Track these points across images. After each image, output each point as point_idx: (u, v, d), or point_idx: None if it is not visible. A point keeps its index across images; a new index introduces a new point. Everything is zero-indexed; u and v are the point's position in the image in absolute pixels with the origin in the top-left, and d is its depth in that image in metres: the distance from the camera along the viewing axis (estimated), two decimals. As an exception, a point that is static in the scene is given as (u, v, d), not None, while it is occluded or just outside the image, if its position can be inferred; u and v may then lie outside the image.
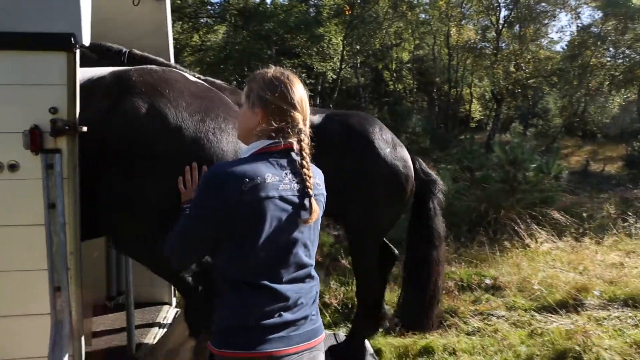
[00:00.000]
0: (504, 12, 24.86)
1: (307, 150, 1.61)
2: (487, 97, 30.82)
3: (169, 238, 1.62)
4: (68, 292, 1.90)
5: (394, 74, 28.88)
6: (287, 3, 23.27)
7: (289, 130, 1.59)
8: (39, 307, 1.92)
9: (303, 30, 20.13)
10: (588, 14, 29.78)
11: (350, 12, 21.30)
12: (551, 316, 4.67)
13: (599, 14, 25.20)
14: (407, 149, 3.54)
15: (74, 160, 1.89)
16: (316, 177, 1.68)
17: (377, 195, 3.27)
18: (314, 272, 1.69)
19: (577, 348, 3.97)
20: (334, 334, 4.01)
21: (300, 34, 20.38)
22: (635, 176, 12.86)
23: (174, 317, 3.73)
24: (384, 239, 3.73)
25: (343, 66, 22.91)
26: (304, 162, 1.59)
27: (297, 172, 1.59)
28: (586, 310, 4.84)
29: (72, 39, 1.84)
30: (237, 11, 20.94)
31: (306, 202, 1.58)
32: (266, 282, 1.55)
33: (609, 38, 23.58)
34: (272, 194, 1.52)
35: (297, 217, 1.58)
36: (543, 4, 23.67)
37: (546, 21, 25.02)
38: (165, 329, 3.49)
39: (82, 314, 1.94)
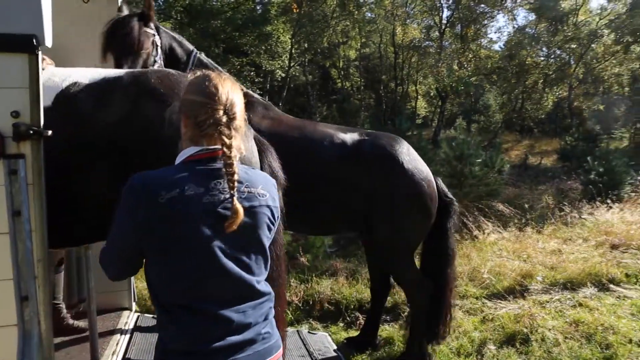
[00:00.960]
0: (446, 13, 25.78)
1: (233, 154, 1.47)
2: (431, 94, 31.84)
3: (102, 251, 1.55)
4: (36, 301, 1.84)
5: (342, 72, 29.23)
6: (233, 0, 22.97)
7: (211, 130, 1.48)
8: (4, 318, 1.85)
9: (251, 28, 19.94)
10: (523, 16, 31.49)
11: (298, 10, 21.32)
12: (500, 302, 4.95)
13: (532, 16, 26.70)
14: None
15: (39, 165, 1.84)
16: (258, 186, 1.56)
17: (404, 214, 3.47)
18: (262, 287, 1.57)
19: (525, 330, 4.26)
20: (297, 331, 4.06)
21: (248, 32, 20.17)
22: (569, 168, 13.72)
23: (135, 323, 3.65)
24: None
25: (292, 64, 22.90)
26: (228, 168, 1.45)
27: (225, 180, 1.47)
28: (531, 295, 5.18)
29: (34, 40, 1.78)
30: (183, 8, 20.42)
31: (253, 210, 1.49)
32: (201, 304, 1.45)
33: (542, 39, 25.03)
34: (193, 206, 1.42)
35: (228, 233, 1.45)
36: (482, 5, 24.72)
37: (485, 22, 26.19)
38: (127, 335, 3.41)
39: (51, 324, 1.89)
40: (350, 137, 3.59)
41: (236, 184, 1.45)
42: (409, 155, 3.59)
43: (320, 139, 3.50)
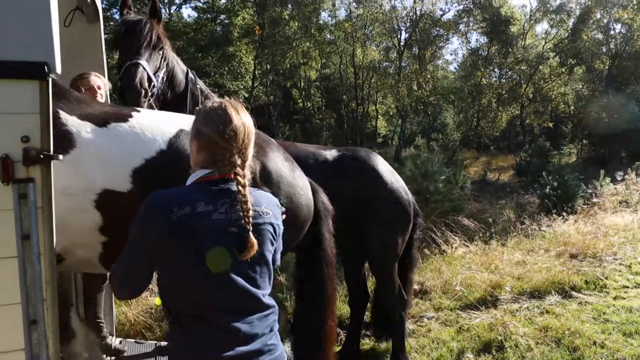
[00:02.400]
0: (404, 35, 26.74)
1: (243, 181, 1.59)
2: (391, 113, 32.72)
3: (113, 269, 1.64)
4: (44, 324, 1.84)
5: (303, 92, 29.62)
6: (193, 22, 22.98)
7: (225, 161, 1.61)
8: (12, 342, 1.84)
9: (214, 49, 20.00)
10: (475, 39, 33.08)
11: (260, 32, 21.58)
12: (474, 312, 5.14)
13: (484, 39, 28.09)
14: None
15: (49, 189, 1.86)
16: (262, 205, 1.67)
17: (387, 220, 3.67)
18: (267, 300, 1.65)
19: (499, 338, 4.45)
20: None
21: (211, 53, 20.22)
22: (525, 183, 14.43)
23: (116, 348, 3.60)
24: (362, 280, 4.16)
25: (255, 85, 23.05)
26: (240, 194, 1.57)
27: (236, 202, 1.58)
28: (501, 304, 5.40)
29: (46, 68, 1.82)
30: (144, 28, 20.25)
31: (243, 234, 1.56)
32: (210, 314, 1.54)
33: (495, 60, 26.33)
34: (202, 223, 1.52)
35: (233, 247, 1.56)
36: (438, 28, 25.81)
37: (441, 44, 27.33)
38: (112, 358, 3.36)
39: (59, 348, 1.88)
40: (330, 154, 3.77)
41: (250, 212, 1.57)
42: (385, 166, 3.81)
43: (304, 158, 3.61)
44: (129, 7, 3.44)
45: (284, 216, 2.04)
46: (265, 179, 2.29)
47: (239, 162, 1.61)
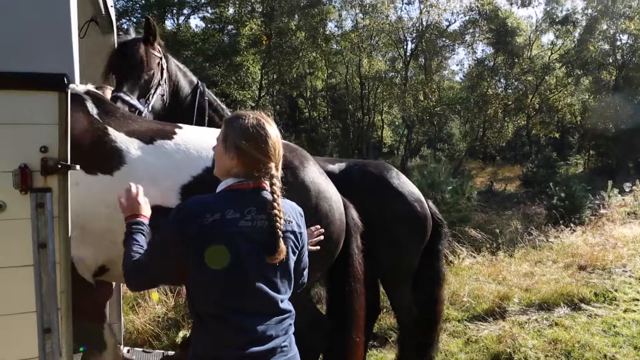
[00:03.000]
0: (410, 45, 26.86)
1: (278, 192, 1.71)
2: (397, 123, 32.78)
3: (134, 262, 1.74)
4: (59, 333, 1.86)
5: (309, 102, 29.74)
6: (201, 32, 23.22)
7: (261, 174, 1.72)
8: (26, 351, 1.85)
9: (221, 58, 20.17)
10: (481, 49, 33.22)
11: (267, 42, 21.76)
12: (482, 324, 5.12)
13: (490, 50, 28.17)
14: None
15: (65, 198, 1.88)
16: (287, 214, 1.75)
17: (400, 235, 3.47)
18: (285, 305, 1.73)
19: (508, 350, 4.42)
20: None
21: (218, 63, 20.39)
22: (532, 194, 14.37)
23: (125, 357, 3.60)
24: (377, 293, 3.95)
25: (262, 94, 23.19)
26: (275, 202, 1.68)
27: (264, 211, 1.67)
28: (509, 316, 5.37)
29: (65, 79, 1.86)
30: (152, 38, 20.48)
31: (272, 240, 1.65)
32: (232, 315, 1.63)
33: (501, 71, 26.37)
34: (231, 229, 1.62)
35: (259, 253, 1.65)
36: (444, 39, 25.91)
37: (447, 54, 27.42)
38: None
39: (73, 356, 1.90)
40: (338, 167, 3.66)
41: (280, 222, 1.67)
42: (398, 180, 3.62)
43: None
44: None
45: (319, 235, 2.18)
46: (303, 194, 2.35)
47: (274, 173, 1.74)
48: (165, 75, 3.41)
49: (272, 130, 1.75)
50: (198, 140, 2.35)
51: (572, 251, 7.69)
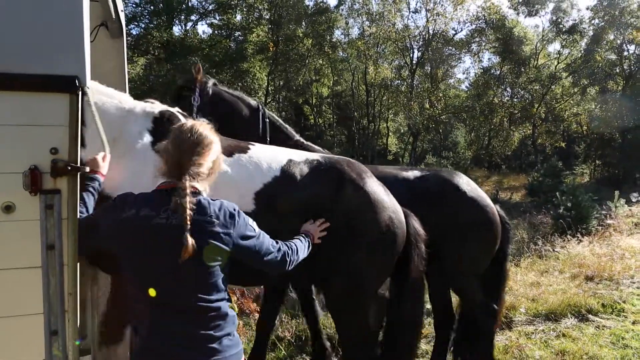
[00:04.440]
0: (416, 54, 26.91)
1: (188, 190, 1.74)
2: (402, 131, 32.77)
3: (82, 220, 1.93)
4: (66, 335, 1.85)
5: (315, 109, 29.81)
6: (208, 38, 23.36)
7: (181, 174, 1.78)
8: (33, 353, 1.84)
9: (228, 65, 20.28)
10: (488, 58, 33.25)
11: (274, 49, 21.86)
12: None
13: (497, 58, 28.18)
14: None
15: (74, 200, 1.88)
16: (210, 214, 1.77)
17: (473, 241, 3.55)
18: (207, 303, 1.76)
19: (515, 361, 4.36)
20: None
21: (225, 69, 20.49)
22: (538, 203, 14.27)
23: None
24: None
25: (268, 100, 23.27)
26: (184, 199, 1.72)
27: (178, 209, 1.72)
28: (516, 326, 5.31)
29: (77, 81, 1.86)
30: (160, 44, 20.64)
31: (181, 237, 1.68)
32: (145, 308, 1.75)
33: (507, 80, 26.36)
34: (142, 226, 1.72)
35: (171, 250, 1.68)
36: (450, 47, 25.95)
37: (453, 63, 27.45)
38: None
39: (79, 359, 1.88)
40: (412, 174, 3.74)
41: (188, 218, 1.70)
42: (469, 186, 3.68)
43: (387, 180, 3.49)
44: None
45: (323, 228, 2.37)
46: (363, 205, 2.56)
47: (195, 172, 1.81)
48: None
49: (198, 134, 1.85)
50: (266, 155, 2.67)
51: (579, 261, 7.61)
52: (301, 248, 2.17)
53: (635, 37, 25.84)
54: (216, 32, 24.63)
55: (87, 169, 1.90)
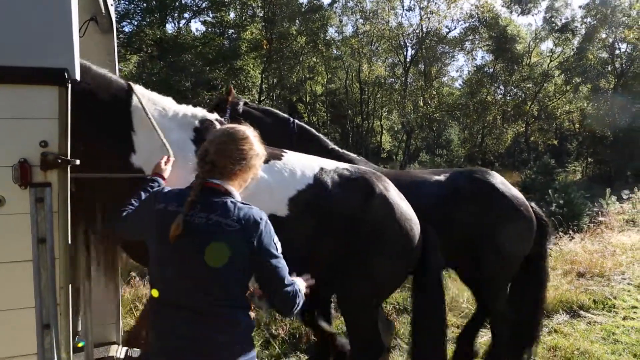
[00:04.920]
0: (410, 52, 26.94)
1: (197, 187, 1.81)
2: (396, 129, 32.84)
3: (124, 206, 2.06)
4: (58, 329, 1.83)
5: (309, 107, 29.79)
6: (201, 36, 23.26)
7: (202, 174, 1.84)
8: (24, 347, 1.83)
9: (222, 62, 20.20)
10: (481, 56, 33.32)
11: (268, 47, 21.81)
12: (481, 330, 5.07)
13: (490, 57, 28.28)
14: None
15: (65, 193, 1.87)
16: (227, 218, 1.75)
17: (508, 239, 3.49)
18: (206, 305, 1.74)
19: (507, 356, 4.38)
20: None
21: (218, 67, 20.41)
22: (530, 200, 14.28)
23: (125, 357, 3.56)
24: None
25: (262, 98, 23.22)
26: (191, 194, 1.79)
27: (208, 208, 1.78)
28: (508, 322, 5.34)
29: (66, 74, 1.84)
30: (153, 41, 20.52)
31: (219, 234, 1.72)
32: (163, 302, 1.78)
33: (500, 78, 26.46)
34: (166, 220, 1.76)
35: (188, 246, 1.73)
36: (444, 45, 26.01)
37: (447, 61, 27.51)
38: (119, 369, 3.32)
39: (73, 353, 1.87)
40: (444, 176, 3.73)
41: (189, 206, 1.76)
42: (504, 185, 3.66)
43: (421, 184, 3.65)
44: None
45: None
46: (392, 218, 2.68)
47: (200, 169, 1.85)
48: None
49: (233, 135, 1.86)
50: (299, 162, 2.76)
51: (571, 258, 7.65)
52: (301, 299, 1.93)
53: (626, 36, 26.02)
54: (209, 29, 24.52)
55: (77, 162, 1.88)
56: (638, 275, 7.01)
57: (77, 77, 1.92)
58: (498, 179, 3.73)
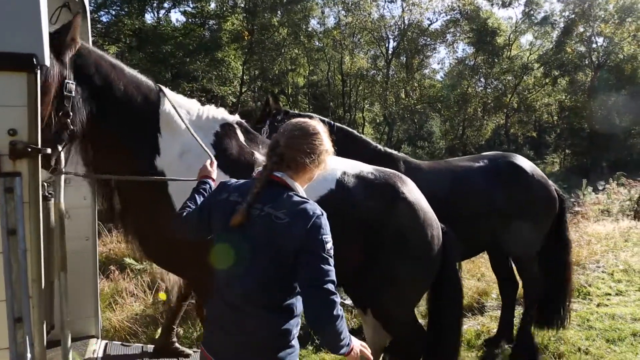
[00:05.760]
0: (392, 44, 26.99)
1: (261, 179, 1.77)
2: (378, 121, 32.93)
3: (181, 207, 2.05)
4: (30, 322, 1.79)
5: (291, 99, 29.64)
6: (181, 26, 22.92)
7: (268, 164, 1.80)
8: (-5, 341, 1.78)
9: (202, 53, 19.94)
10: (462, 49, 33.57)
11: (249, 38, 21.59)
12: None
13: (471, 49, 28.50)
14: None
15: (36, 183, 1.81)
16: (280, 210, 1.69)
17: (538, 215, 3.98)
18: (268, 301, 1.70)
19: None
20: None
21: (199, 58, 20.14)
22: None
23: (104, 351, 3.51)
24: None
25: (243, 90, 23.02)
26: (255, 186, 1.76)
27: (270, 198, 1.74)
28: (488, 311, 5.43)
29: (34, 60, 1.78)
30: (132, 32, 20.12)
31: (279, 226, 1.67)
32: (223, 294, 1.77)
33: (481, 70, 26.71)
34: (228, 210, 1.75)
35: (240, 239, 1.71)
36: (425, 37, 26.11)
37: (428, 53, 27.63)
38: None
39: (45, 346, 1.83)
40: (482, 162, 4.09)
41: (254, 198, 1.73)
42: (532, 167, 4.10)
43: (463, 170, 4.02)
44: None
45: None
46: (416, 222, 2.67)
47: (268, 160, 1.81)
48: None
49: (288, 130, 1.82)
50: (340, 163, 2.74)
51: (549, 247, 7.80)
52: (344, 332, 1.69)
53: (603, 30, 26.48)
54: (190, 20, 24.15)
55: (49, 151, 1.83)
56: (612, 263, 7.17)
57: (47, 62, 1.86)
58: (527, 161, 4.15)
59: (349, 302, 4.02)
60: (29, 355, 1.78)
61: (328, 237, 1.67)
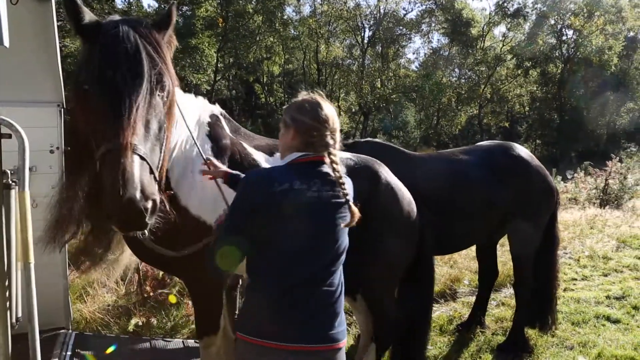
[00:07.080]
0: (368, 33, 26.99)
1: (337, 161, 1.74)
2: (353, 110, 33.02)
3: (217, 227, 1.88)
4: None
5: (266, 87, 29.41)
6: (153, 12, 22.36)
7: (319, 144, 1.75)
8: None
9: (176, 40, 19.48)
10: (437, 39, 33.84)
11: (224, 24, 21.24)
12: (434, 305, 5.24)
13: (445, 40, 28.76)
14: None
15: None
16: (348, 192, 1.77)
17: (540, 206, 3.83)
18: (339, 277, 1.77)
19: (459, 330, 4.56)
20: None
21: (172, 44, 19.70)
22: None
23: (74, 343, 3.44)
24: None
25: (217, 78, 22.69)
26: (336, 172, 1.73)
27: (328, 182, 1.73)
28: (460, 297, 5.54)
29: (-6, 43, 1.70)
30: (101, 16, 19.51)
31: (342, 208, 1.73)
32: (291, 283, 1.67)
33: (455, 61, 27.00)
34: (300, 198, 1.66)
35: (321, 223, 1.71)
36: (401, 27, 26.19)
37: (404, 43, 27.75)
38: (68, 354, 3.20)
39: (10, 347, 1.78)
40: (477, 152, 3.88)
41: (346, 189, 1.72)
42: (531, 157, 3.93)
43: (457, 161, 3.81)
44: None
45: None
46: (396, 199, 2.79)
47: (331, 143, 1.75)
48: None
49: (325, 103, 1.79)
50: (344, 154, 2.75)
51: (519, 235, 7.98)
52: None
53: (573, 23, 27.07)
54: (162, 5, 23.58)
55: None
56: (578, 250, 7.40)
57: (6, 44, 1.78)
58: (526, 151, 4.01)
59: None
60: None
61: None
